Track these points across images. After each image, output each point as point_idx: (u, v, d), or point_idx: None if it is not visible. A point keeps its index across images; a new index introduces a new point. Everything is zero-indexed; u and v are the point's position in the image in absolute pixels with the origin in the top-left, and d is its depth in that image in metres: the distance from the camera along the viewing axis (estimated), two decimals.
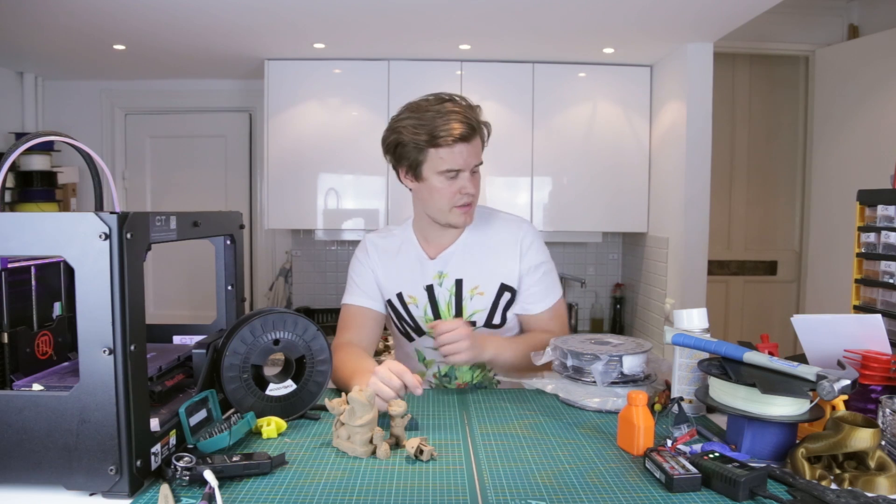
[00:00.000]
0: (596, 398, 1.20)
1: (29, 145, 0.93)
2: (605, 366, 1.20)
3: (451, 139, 1.34)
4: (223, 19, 2.51)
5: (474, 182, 1.41)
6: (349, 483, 0.88)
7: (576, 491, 0.86)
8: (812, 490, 0.81)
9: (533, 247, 1.49)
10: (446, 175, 1.38)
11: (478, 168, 1.42)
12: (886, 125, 2.91)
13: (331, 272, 3.56)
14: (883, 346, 1.11)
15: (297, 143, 3.11)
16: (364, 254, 1.54)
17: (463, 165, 1.37)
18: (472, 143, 1.37)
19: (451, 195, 1.39)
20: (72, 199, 3.42)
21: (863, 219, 1.43)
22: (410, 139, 1.36)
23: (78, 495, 0.84)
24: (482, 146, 1.43)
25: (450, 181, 1.39)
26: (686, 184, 2.77)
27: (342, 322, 1.50)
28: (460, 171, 1.38)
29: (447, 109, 1.35)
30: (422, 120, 1.35)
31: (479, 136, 1.40)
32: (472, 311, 1.47)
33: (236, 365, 1.08)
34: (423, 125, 1.35)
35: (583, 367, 1.23)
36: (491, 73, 3.10)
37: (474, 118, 1.37)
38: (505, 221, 1.54)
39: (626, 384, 1.22)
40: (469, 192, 1.40)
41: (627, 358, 1.21)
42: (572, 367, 1.25)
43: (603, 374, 1.20)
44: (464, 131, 1.34)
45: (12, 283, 0.96)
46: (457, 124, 1.33)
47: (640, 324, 3.28)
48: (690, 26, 2.56)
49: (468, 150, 1.37)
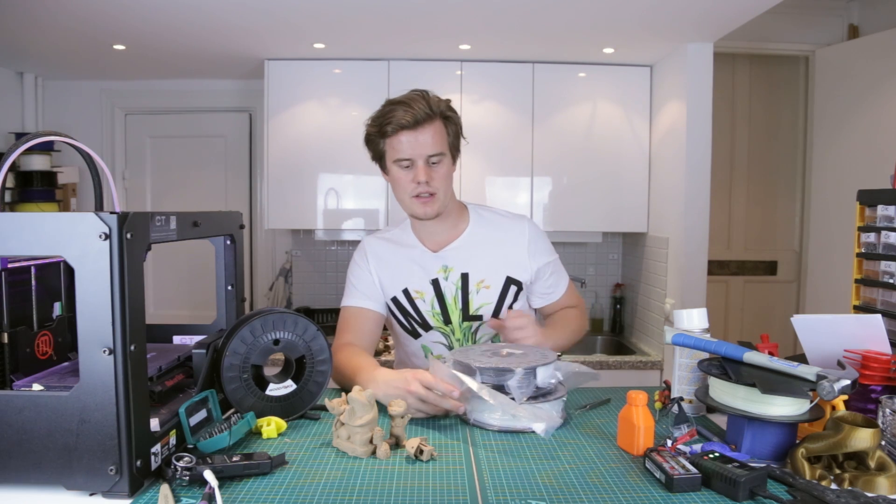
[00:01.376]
0: (506, 416, 1.09)
1: (29, 145, 0.93)
2: (519, 380, 1.09)
3: (393, 128, 1.37)
4: (223, 19, 2.51)
5: (432, 173, 1.41)
6: (349, 483, 0.88)
7: (576, 491, 0.86)
8: (812, 490, 0.81)
9: (540, 244, 1.54)
10: (399, 165, 1.41)
11: (439, 159, 1.41)
12: (886, 125, 2.91)
13: (331, 272, 3.56)
14: (883, 346, 1.11)
15: (297, 143, 3.10)
16: (362, 257, 1.54)
17: (411, 154, 1.39)
18: (419, 132, 1.37)
19: (406, 184, 1.42)
20: (72, 199, 3.42)
21: (863, 219, 1.43)
22: (370, 131, 1.44)
23: (78, 495, 0.84)
24: (447, 139, 1.42)
25: (405, 171, 1.41)
26: (686, 184, 2.77)
27: (342, 324, 1.51)
28: (413, 161, 1.39)
29: (400, 100, 1.39)
30: (377, 113, 1.42)
31: (436, 126, 1.39)
32: (478, 305, 1.49)
33: (236, 365, 1.08)
34: (376, 117, 1.42)
35: (501, 383, 1.10)
36: (491, 73, 3.10)
37: (425, 108, 1.37)
38: (506, 218, 1.57)
39: (540, 398, 1.11)
40: (421, 182, 1.39)
41: (540, 370, 1.12)
42: (486, 384, 1.10)
43: (519, 390, 1.08)
44: (406, 119, 1.36)
45: (12, 283, 0.96)
46: (402, 112, 1.36)
47: (640, 324, 3.28)
48: (690, 26, 2.56)
49: (419, 139, 1.37)
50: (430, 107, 1.38)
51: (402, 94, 1.42)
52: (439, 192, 1.42)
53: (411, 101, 1.38)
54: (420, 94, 1.41)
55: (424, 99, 1.39)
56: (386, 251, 1.53)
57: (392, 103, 1.40)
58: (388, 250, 1.53)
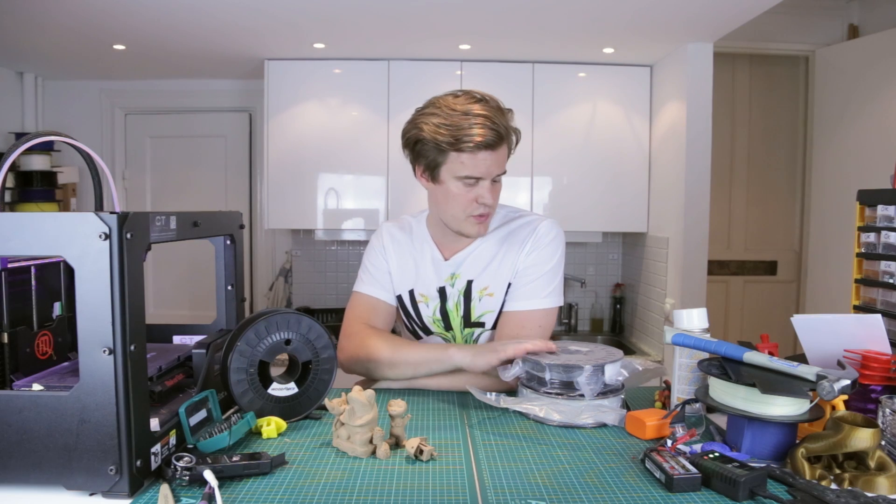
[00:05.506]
0: (586, 414, 1.12)
1: (29, 145, 0.93)
2: (588, 377, 1.12)
3: (475, 145, 1.25)
4: (223, 19, 2.51)
5: (494, 192, 1.33)
6: (349, 483, 0.88)
7: (575, 491, 0.86)
8: (812, 490, 0.81)
9: (541, 247, 1.39)
10: (465, 181, 1.30)
11: (499, 178, 1.33)
12: (886, 125, 2.91)
13: (331, 272, 3.56)
14: (883, 346, 1.11)
15: (297, 143, 3.11)
16: (380, 242, 1.48)
17: (484, 174, 1.29)
18: (497, 151, 1.28)
19: (466, 203, 1.32)
20: (72, 199, 3.42)
21: (863, 219, 1.43)
22: (432, 138, 1.27)
23: (78, 495, 0.84)
24: (508, 154, 1.34)
25: (468, 188, 1.31)
26: (686, 184, 2.77)
27: (358, 310, 1.43)
28: (480, 180, 1.30)
29: (475, 112, 1.26)
30: (447, 119, 1.26)
31: (506, 144, 1.31)
32: (480, 313, 1.42)
33: (245, 357, 1.09)
34: (448, 125, 1.26)
35: (570, 380, 1.14)
36: (491, 73, 3.10)
37: (503, 124, 1.27)
38: (524, 219, 1.45)
39: (608, 395, 1.15)
40: (486, 202, 1.32)
41: (608, 367, 1.15)
42: (555, 381, 1.15)
43: (588, 386, 1.12)
44: (490, 138, 1.25)
45: (12, 283, 0.96)
46: (484, 129, 1.24)
47: (640, 324, 3.28)
48: (690, 26, 2.56)
49: (492, 159, 1.28)
50: (506, 124, 1.28)
51: (465, 99, 1.28)
52: (492, 210, 1.36)
53: (490, 115, 1.26)
54: (497, 106, 1.29)
55: (501, 112, 1.29)
56: (402, 244, 1.47)
57: (466, 114, 1.25)
58: (404, 243, 1.47)
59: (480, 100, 1.29)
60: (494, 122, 1.26)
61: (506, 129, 1.28)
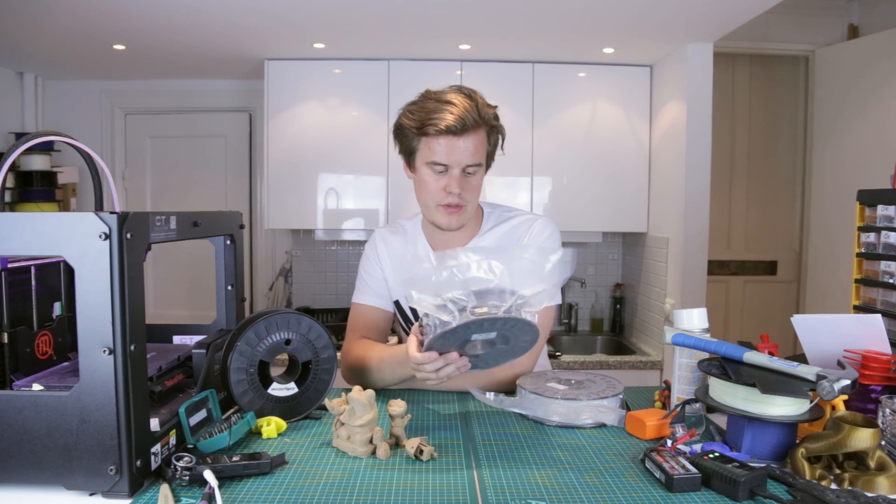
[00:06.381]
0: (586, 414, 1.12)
1: (29, 145, 0.93)
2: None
3: (438, 130, 1.27)
4: (223, 19, 2.51)
5: (465, 184, 1.32)
6: (349, 483, 0.88)
7: (575, 491, 0.86)
8: (812, 490, 0.81)
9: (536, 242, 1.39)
10: (434, 168, 1.31)
11: (475, 170, 1.34)
12: (887, 125, 2.91)
13: (331, 272, 3.56)
14: (883, 346, 1.11)
15: (297, 143, 3.10)
16: (374, 250, 1.50)
17: (449, 161, 1.29)
18: (463, 139, 1.28)
19: (436, 191, 1.33)
20: (72, 199, 3.42)
21: (863, 219, 1.43)
22: (406, 123, 1.32)
23: (78, 495, 0.84)
24: (486, 148, 1.35)
25: (438, 176, 1.32)
26: (686, 184, 2.77)
27: (354, 322, 1.47)
28: (449, 168, 1.30)
29: (448, 99, 1.28)
30: (421, 106, 1.30)
31: (480, 135, 1.31)
32: None
33: (245, 357, 1.09)
34: (418, 110, 1.30)
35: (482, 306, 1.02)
36: (491, 73, 3.10)
37: (475, 115, 1.28)
38: (520, 219, 1.45)
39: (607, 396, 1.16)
40: (453, 192, 1.31)
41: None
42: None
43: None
44: (454, 124, 1.26)
45: (12, 283, 0.96)
46: (450, 115, 1.26)
47: (640, 324, 3.28)
48: (690, 26, 2.56)
49: (460, 146, 1.28)
50: (479, 114, 1.28)
51: (448, 90, 1.32)
52: (468, 204, 1.35)
53: (461, 103, 1.27)
54: (468, 96, 1.30)
55: (475, 103, 1.29)
56: (396, 248, 1.48)
57: (438, 100, 1.29)
58: (398, 247, 1.48)
59: (459, 91, 1.31)
60: (464, 110, 1.27)
61: (475, 120, 1.28)
